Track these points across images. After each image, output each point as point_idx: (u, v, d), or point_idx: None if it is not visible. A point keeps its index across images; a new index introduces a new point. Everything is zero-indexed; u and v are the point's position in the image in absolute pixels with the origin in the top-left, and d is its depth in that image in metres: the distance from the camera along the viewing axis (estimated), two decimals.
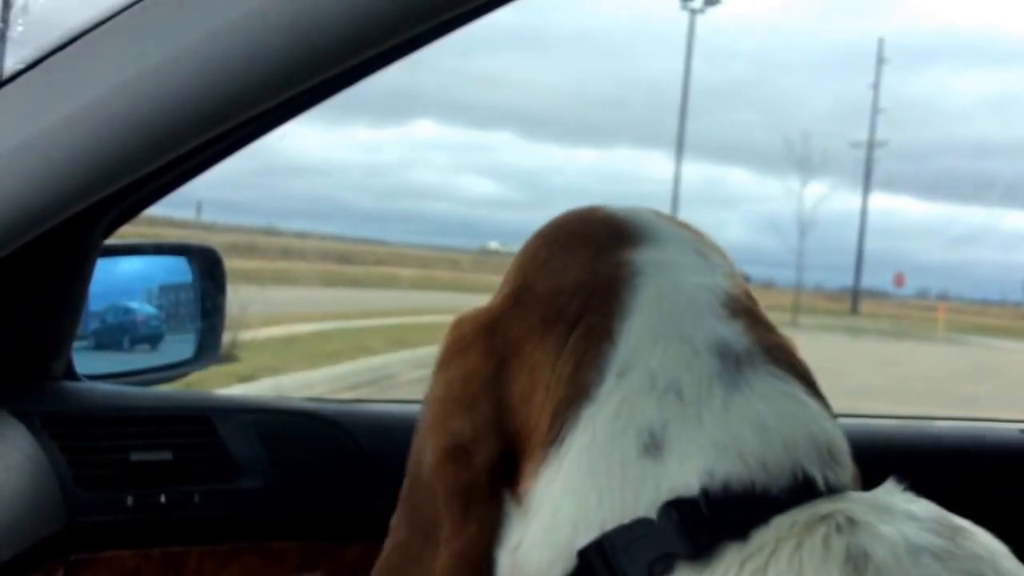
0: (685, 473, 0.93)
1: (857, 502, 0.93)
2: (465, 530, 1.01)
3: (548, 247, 1.13)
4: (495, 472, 1.01)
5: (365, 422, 1.85)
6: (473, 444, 1.02)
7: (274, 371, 11.19)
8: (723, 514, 0.91)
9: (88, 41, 1.16)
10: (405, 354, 14.20)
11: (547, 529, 0.98)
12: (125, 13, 1.14)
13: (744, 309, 1.06)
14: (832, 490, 0.95)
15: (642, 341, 1.00)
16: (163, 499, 1.63)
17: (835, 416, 1.03)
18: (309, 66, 1.11)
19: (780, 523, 0.90)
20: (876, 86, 34.73)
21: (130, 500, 1.61)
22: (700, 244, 1.13)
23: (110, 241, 1.78)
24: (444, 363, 1.08)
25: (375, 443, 1.82)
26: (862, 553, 0.87)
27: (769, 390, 0.98)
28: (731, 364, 0.99)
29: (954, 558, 0.89)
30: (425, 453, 1.05)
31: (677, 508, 0.92)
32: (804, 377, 1.03)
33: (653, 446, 0.95)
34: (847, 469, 0.99)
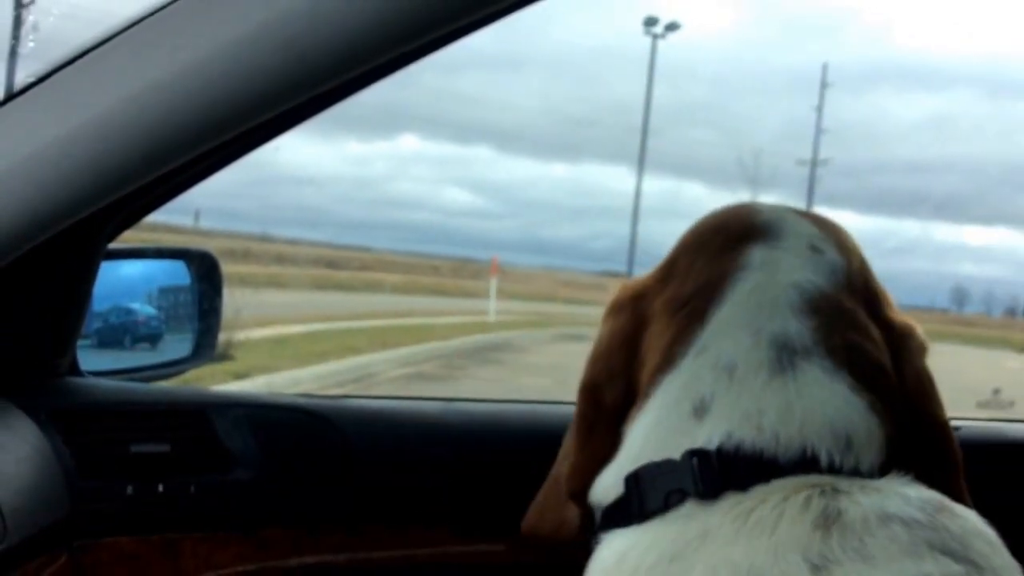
0: (713, 432, 1.06)
1: (849, 480, 1.02)
2: (583, 451, 1.22)
3: (696, 234, 1.26)
4: (617, 410, 1.19)
5: (352, 417, 1.84)
6: (605, 385, 1.22)
7: (266, 369, 11.17)
8: (731, 467, 1.04)
9: (95, 57, 1.15)
10: (388, 354, 14.21)
11: (619, 462, 1.15)
12: (130, 31, 1.14)
13: (828, 307, 1.14)
14: (835, 469, 1.03)
15: (723, 328, 1.13)
16: (161, 489, 1.63)
17: (886, 413, 1.10)
18: (302, 83, 1.11)
19: (778, 484, 1.01)
20: (820, 108, 35.00)
21: (130, 489, 1.60)
22: (821, 241, 1.22)
23: (113, 245, 1.77)
24: (604, 319, 1.27)
25: (361, 437, 1.81)
26: (836, 512, 0.96)
27: (810, 380, 1.08)
28: (786, 355, 1.09)
29: (923, 528, 0.95)
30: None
31: (697, 457, 1.05)
32: (863, 374, 1.11)
33: (701, 410, 1.09)
34: (864, 457, 1.06)
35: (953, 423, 2.20)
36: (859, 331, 1.14)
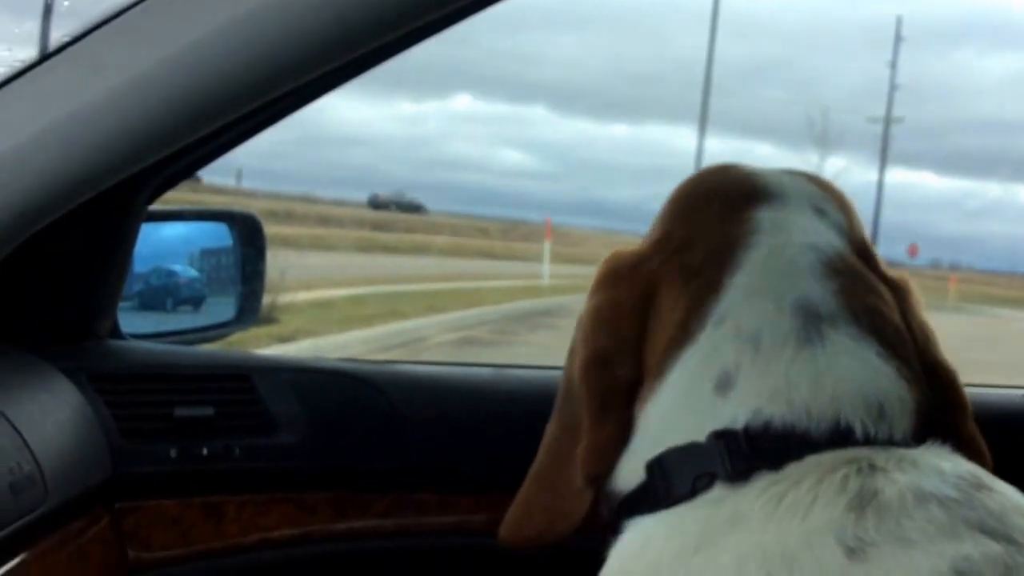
0: (740, 410, 1.04)
1: (886, 452, 1.01)
2: (604, 427, 1.14)
3: (687, 199, 1.24)
4: (630, 385, 1.14)
5: (396, 381, 1.86)
6: (615, 358, 1.15)
7: (311, 333, 11.25)
8: (760, 447, 1.02)
9: (135, 14, 1.16)
10: (436, 318, 14.26)
11: (637, 446, 1.12)
12: None
13: (847, 269, 1.14)
14: (871, 440, 1.02)
15: (741, 296, 1.11)
16: (205, 452, 1.66)
17: (913, 378, 1.10)
18: (347, 40, 1.12)
19: (812, 460, 1.00)
20: (893, 64, 34.41)
21: (174, 452, 1.64)
22: (823, 201, 1.22)
23: (154, 207, 1.80)
24: (595, 290, 1.21)
25: (405, 401, 1.83)
26: (871, 492, 0.95)
27: (839, 349, 1.06)
28: (812, 323, 1.08)
29: (960, 507, 0.94)
30: (573, 365, 1.19)
31: (724, 438, 1.03)
32: (887, 340, 1.10)
33: (725, 385, 1.06)
34: (897, 425, 1.05)
35: (1021, 391, 2.21)
36: (875, 293, 1.13)
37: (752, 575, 0.94)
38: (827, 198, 1.22)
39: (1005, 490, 0.99)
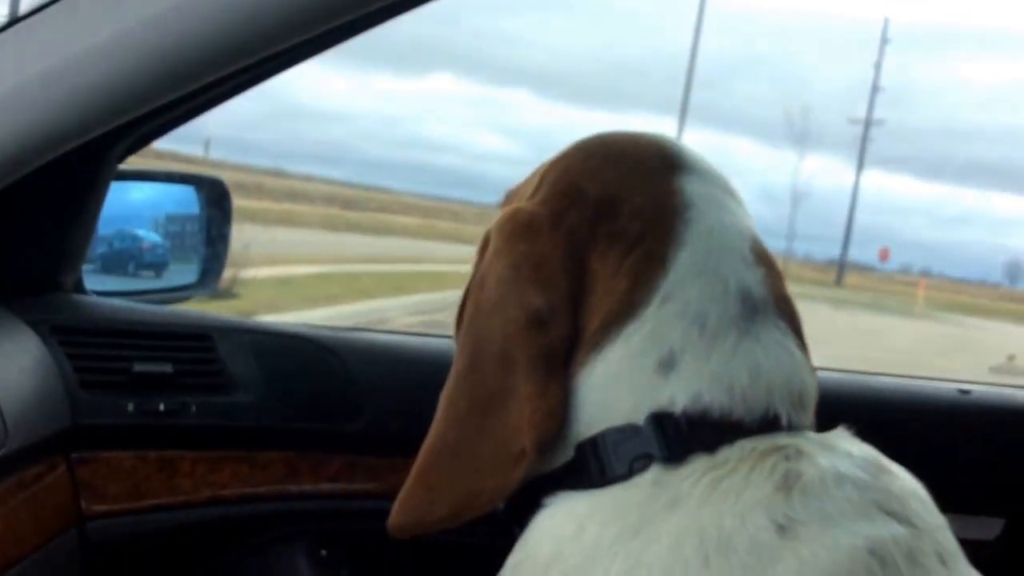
0: (679, 393, 1.06)
1: (808, 439, 1.07)
2: (549, 392, 1.08)
3: (598, 158, 1.20)
4: (567, 347, 1.10)
5: (353, 348, 1.91)
6: (549, 318, 1.10)
7: (273, 309, 11.19)
8: (698, 431, 1.05)
9: None
10: (401, 300, 14.24)
11: (570, 422, 1.09)
12: None
13: (764, 256, 1.17)
14: (792, 428, 1.08)
15: (687, 273, 1.11)
16: (162, 407, 1.70)
17: (814, 367, 1.16)
18: (328, 8, 1.16)
19: (743, 446, 1.04)
20: (878, 65, 34.45)
21: (131, 406, 1.68)
22: (726, 182, 1.22)
23: (123, 167, 1.84)
24: (507, 248, 1.13)
25: (362, 368, 1.88)
26: (796, 474, 1.01)
27: (770, 340, 1.11)
28: (749, 310, 1.10)
29: (870, 489, 1.02)
30: (492, 328, 1.11)
31: (661, 420, 1.05)
32: (798, 331, 1.16)
33: (667, 365, 1.07)
34: (810, 411, 1.13)
35: (963, 386, 2.28)
36: (781, 280, 1.18)
37: (690, 555, 0.98)
38: (726, 176, 1.23)
39: (901, 473, 1.08)
